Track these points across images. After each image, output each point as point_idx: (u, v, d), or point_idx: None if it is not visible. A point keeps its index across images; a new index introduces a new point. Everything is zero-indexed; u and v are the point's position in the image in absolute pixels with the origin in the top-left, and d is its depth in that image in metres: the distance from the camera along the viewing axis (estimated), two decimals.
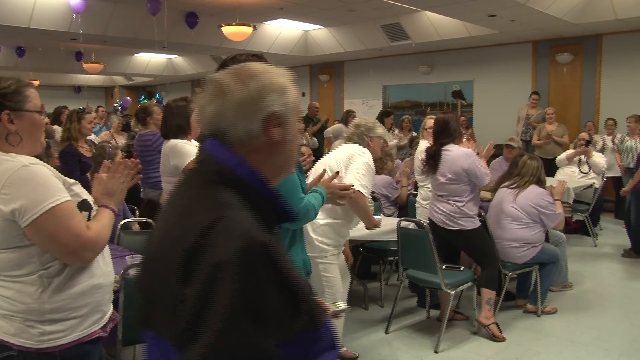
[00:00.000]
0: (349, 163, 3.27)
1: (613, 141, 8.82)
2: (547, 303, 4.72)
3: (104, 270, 1.91)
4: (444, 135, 4.25)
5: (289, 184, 2.00)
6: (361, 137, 3.49)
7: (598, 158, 7.32)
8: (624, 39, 9.62)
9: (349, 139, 3.55)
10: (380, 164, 5.45)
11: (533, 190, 4.55)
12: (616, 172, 8.66)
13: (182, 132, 3.50)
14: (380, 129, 3.54)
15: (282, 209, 1.23)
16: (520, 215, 4.48)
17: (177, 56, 15.31)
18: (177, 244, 1.07)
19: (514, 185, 4.61)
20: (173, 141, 3.48)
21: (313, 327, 1.16)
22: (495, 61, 11.23)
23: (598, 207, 7.61)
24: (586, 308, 4.85)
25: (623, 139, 8.63)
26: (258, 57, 2.13)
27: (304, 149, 5.75)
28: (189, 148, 3.32)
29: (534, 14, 8.17)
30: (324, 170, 2.78)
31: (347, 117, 9.12)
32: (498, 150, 6.58)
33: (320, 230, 3.15)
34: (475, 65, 11.52)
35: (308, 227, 3.11)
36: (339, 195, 2.36)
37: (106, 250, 1.95)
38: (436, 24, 10.15)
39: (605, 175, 8.08)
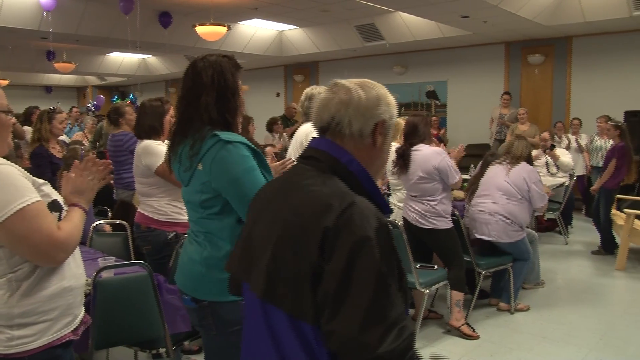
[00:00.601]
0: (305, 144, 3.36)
1: (577, 140, 8.98)
2: (519, 300, 4.79)
3: (74, 272, 1.88)
4: (414, 136, 4.31)
5: (254, 187, 1.97)
6: (305, 110, 3.68)
7: (565, 157, 7.42)
8: (593, 41, 9.82)
9: (306, 114, 3.68)
10: None
11: (525, 166, 4.75)
12: (580, 171, 8.83)
13: (155, 132, 3.46)
14: None
15: (381, 203, 1.37)
16: (512, 191, 4.62)
17: (150, 56, 15.17)
18: (315, 221, 1.21)
19: (506, 162, 4.78)
20: (146, 142, 3.45)
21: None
22: (468, 62, 11.36)
23: (569, 206, 7.75)
24: (557, 305, 4.93)
25: (593, 138, 8.82)
26: (229, 57, 2.13)
27: (268, 149, 5.77)
28: (162, 149, 3.29)
29: (506, 16, 8.28)
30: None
31: None
32: (472, 150, 6.67)
33: None
34: (448, 66, 11.63)
35: None
36: (278, 171, 2.40)
37: (77, 252, 1.92)
38: (410, 25, 10.22)
39: (575, 175, 8.24)
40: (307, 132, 3.52)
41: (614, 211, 6.63)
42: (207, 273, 2.05)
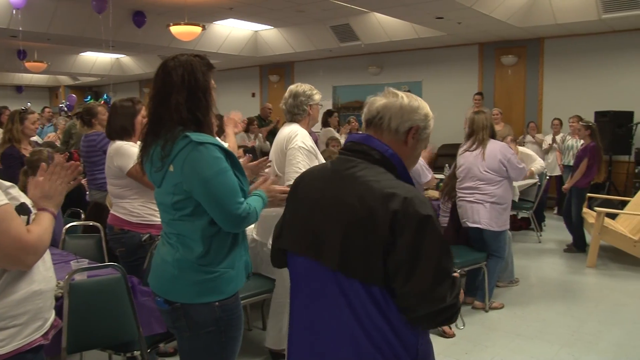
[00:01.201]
0: (286, 150, 3.36)
1: (555, 140, 9.14)
2: (494, 299, 4.85)
3: (44, 276, 1.85)
4: None
5: (226, 189, 1.98)
6: (302, 108, 3.50)
7: (536, 165, 7.52)
8: (564, 42, 9.99)
9: (289, 112, 3.54)
10: None
11: (494, 145, 4.71)
12: (557, 171, 9.02)
13: (126, 133, 3.43)
14: (317, 95, 3.56)
15: None
16: (492, 177, 4.64)
17: (124, 56, 15.00)
18: (382, 205, 1.49)
19: (474, 147, 4.73)
20: (118, 143, 3.41)
21: None
22: (443, 62, 11.46)
23: (542, 205, 7.88)
24: (531, 302, 5.00)
25: (564, 138, 9.00)
26: (200, 57, 2.11)
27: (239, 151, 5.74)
28: (134, 150, 3.25)
29: (479, 17, 8.37)
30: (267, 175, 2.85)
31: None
32: (447, 150, 6.73)
33: None
34: (423, 66, 11.72)
35: None
36: (280, 199, 2.35)
37: (47, 255, 1.89)
38: (385, 26, 10.28)
39: (547, 174, 8.37)
40: (288, 136, 3.41)
41: (585, 210, 6.75)
42: (179, 275, 2.04)
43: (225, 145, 3.72)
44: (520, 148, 7.73)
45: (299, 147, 3.32)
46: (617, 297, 5.18)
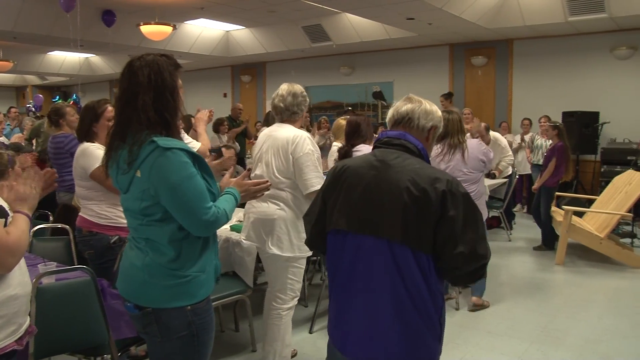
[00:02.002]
0: (292, 157, 3.24)
1: (524, 139, 9.29)
2: (462, 296, 4.88)
3: (20, 280, 1.82)
4: (355, 136, 4.34)
5: (194, 195, 1.95)
6: (300, 107, 3.41)
7: (502, 164, 7.62)
8: (532, 44, 10.16)
9: (288, 110, 3.38)
10: None
11: (474, 147, 4.71)
12: (528, 170, 9.18)
13: (95, 135, 3.38)
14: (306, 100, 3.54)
15: None
16: (474, 176, 4.68)
17: (94, 55, 14.77)
18: (431, 187, 1.84)
19: (453, 151, 4.63)
20: (85, 144, 3.37)
21: None
22: (414, 63, 11.56)
23: (511, 203, 7.99)
24: (501, 299, 5.07)
25: (534, 137, 9.16)
26: (167, 56, 2.08)
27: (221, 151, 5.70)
28: (99, 152, 3.19)
29: (449, 18, 8.47)
30: (248, 170, 2.81)
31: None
32: None
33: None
34: (395, 67, 11.80)
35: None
36: (253, 192, 2.34)
37: (22, 260, 1.87)
38: (356, 26, 10.32)
39: (517, 173, 8.50)
40: (292, 141, 3.26)
41: (553, 208, 6.87)
42: (149, 280, 2.01)
43: (197, 145, 3.70)
44: (495, 134, 7.82)
45: (311, 151, 3.25)
46: (584, 293, 5.29)
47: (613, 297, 5.17)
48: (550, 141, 7.23)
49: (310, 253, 3.39)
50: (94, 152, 3.26)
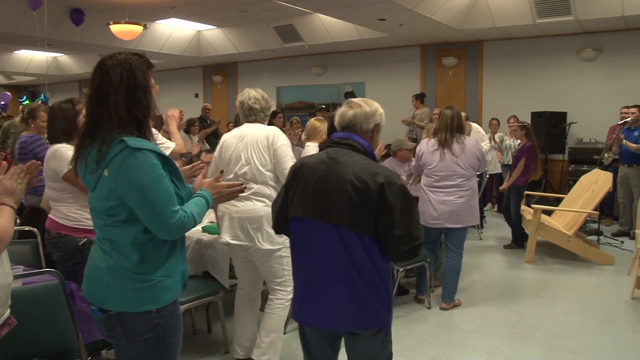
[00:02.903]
0: (272, 149, 3.39)
1: (494, 140, 9.42)
2: (435, 295, 4.92)
3: (1, 271, 1.81)
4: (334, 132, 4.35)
5: (161, 198, 1.93)
6: (268, 111, 3.58)
7: (484, 145, 7.69)
8: (502, 45, 10.32)
9: (262, 112, 3.54)
10: None
11: (471, 145, 4.73)
12: (498, 169, 9.31)
13: (69, 136, 3.33)
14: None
15: None
16: (470, 173, 4.71)
17: (63, 55, 14.51)
18: (371, 180, 2.19)
19: (448, 144, 4.68)
20: (56, 146, 3.32)
21: None
22: (385, 63, 11.63)
23: (482, 203, 8.09)
24: (472, 297, 5.14)
25: (503, 138, 9.30)
26: (139, 55, 2.05)
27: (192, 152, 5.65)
28: (70, 154, 3.15)
29: (421, 19, 8.54)
30: (221, 172, 2.82)
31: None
32: (390, 150, 6.82)
33: None
34: (366, 67, 11.86)
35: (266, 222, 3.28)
36: (227, 194, 2.33)
37: (4, 252, 1.91)
38: (328, 27, 10.34)
39: (487, 173, 8.61)
40: (268, 135, 3.42)
41: (523, 207, 6.99)
42: (113, 282, 1.98)
43: (171, 145, 3.66)
44: (473, 124, 7.90)
45: (287, 143, 3.45)
46: (553, 290, 5.39)
47: (580, 294, 5.28)
48: (519, 141, 7.34)
49: None
50: (65, 153, 3.21)
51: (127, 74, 1.98)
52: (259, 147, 3.39)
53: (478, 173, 4.89)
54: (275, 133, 3.42)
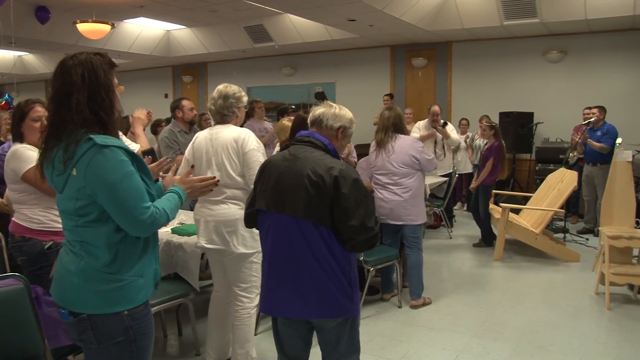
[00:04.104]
0: (241, 153, 3.30)
1: (465, 140, 9.54)
2: (412, 299, 4.94)
3: None
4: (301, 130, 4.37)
5: (132, 194, 1.91)
6: (231, 110, 3.42)
7: (454, 134, 7.73)
8: (470, 46, 10.45)
9: (218, 113, 3.43)
10: None
11: (403, 141, 4.80)
12: (467, 169, 9.43)
13: (19, 136, 3.26)
14: (245, 97, 3.54)
15: None
16: (406, 171, 4.74)
17: (28, 53, 14.21)
18: (326, 173, 2.32)
19: (383, 143, 4.81)
20: (17, 146, 3.24)
21: None
22: (356, 64, 11.68)
23: (452, 202, 8.19)
24: (443, 296, 5.19)
25: (473, 137, 9.42)
26: (101, 55, 2.03)
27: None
28: (31, 154, 3.08)
29: (390, 20, 8.60)
30: (192, 167, 2.81)
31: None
32: (360, 150, 6.86)
33: None
34: (337, 68, 11.90)
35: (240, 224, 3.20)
36: (200, 188, 2.32)
37: None
38: (299, 27, 10.34)
39: (457, 172, 8.72)
40: (238, 138, 3.33)
41: (491, 206, 7.09)
42: (84, 285, 1.95)
43: (136, 147, 3.62)
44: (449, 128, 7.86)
45: (257, 147, 3.33)
46: (521, 287, 5.48)
47: (547, 290, 5.38)
48: (486, 141, 7.44)
49: None
50: (25, 153, 3.14)
51: (89, 74, 1.95)
52: (229, 151, 3.32)
53: (432, 171, 4.92)
54: (244, 136, 3.34)
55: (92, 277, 1.95)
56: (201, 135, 3.50)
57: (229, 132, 3.36)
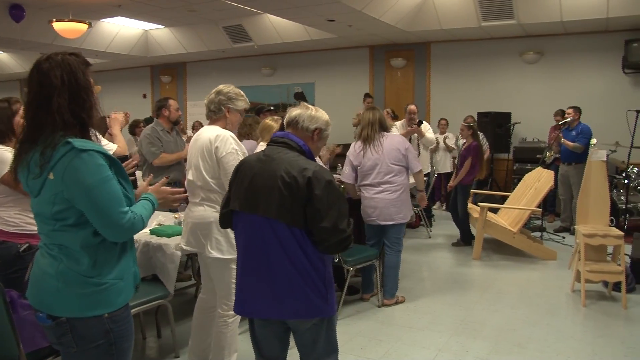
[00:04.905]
0: (215, 156, 3.21)
1: (445, 141, 9.60)
2: (385, 299, 4.96)
3: None
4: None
5: (110, 198, 1.89)
6: (218, 107, 3.33)
7: (429, 134, 7.74)
8: (449, 47, 10.54)
9: (207, 107, 3.37)
10: None
11: (390, 137, 4.85)
12: (447, 169, 9.49)
13: (3, 136, 3.20)
14: (240, 102, 3.40)
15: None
16: (398, 169, 4.76)
17: (2, 52, 13.98)
18: (300, 174, 2.31)
19: (369, 143, 4.82)
20: None
21: None
22: (335, 64, 11.70)
23: (431, 201, 8.24)
24: (422, 295, 5.23)
25: (457, 137, 9.48)
26: (76, 55, 2.00)
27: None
28: (7, 155, 3.03)
29: (369, 21, 8.63)
30: (166, 178, 2.76)
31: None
32: (344, 150, 6.88)
33: None
34: (316, 68, 11.91)
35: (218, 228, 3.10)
36: (171, 200, 2.31)
37: None
38: (278, 27, 10.33)
39: (436, 172, 8.78)
40: (216, 140, 3.23)
41: (470, 205, 7.15)
42: (64, 288, 1.93)
43: (113, 147, 3.58)
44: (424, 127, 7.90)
45: (234, 150, 3.22)
46: (499, 285, 5.54)
47: (525, 288, 5.44)
48: (464, 141, 7.50)
49: None
50: (2, 155, 3.09)
51: (68, 75, 1.92)
52: (205, 152, 3.27)
53: (414, 172, 4.93)
54: (220, 140, 3.23)
55: (73, 281, 1.93)
56: (194, 136, 3.50)
57: (208, 132, 3.31)
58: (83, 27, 8.35)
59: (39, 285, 1.99)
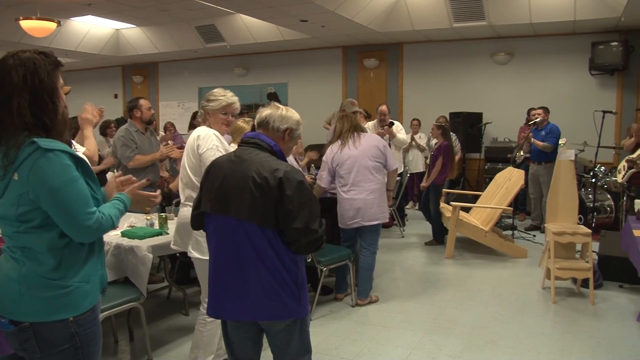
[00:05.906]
0: (199, 152, 3.34)
1: (414, 138, 9.67)
2: (359, 298, 4.98)
3: None
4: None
5: (76, 199, 1.86)
6: (202, 109, 3.52)
7: (401, 134, 7.78)
8: (421, 48, 10.63)
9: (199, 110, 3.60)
10: None
11: (369, 135, 4.92)
12: (420, 168, 9.57)
13: None
14: (215, 103, 3.44)
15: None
16: (377, 165, 4.80)
17: None
18: (271, 175, 2.31)
19: (345, 137, 4.87)
20: None
21: None
22: (308, 64, 11.71)
23: (404, 201, 8.30)
24: (395, 294, 5.26)
25: (429, 137, 9.55)
26: (46, 54, 1.93)
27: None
28: None
29: (342, 21, 8.66)
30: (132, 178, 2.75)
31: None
32: (316, 149, 6.89)
33: None
34: (289, 68, 11.90)
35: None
36: (144, 203, 2.29)
37: None
38: (251, 27, 10.29)
39: (409, 172, 8.84)
40: (197, 138, 3.39)
41: (442, 204, 7.22)
42: (26, 292, 1.88)
43: (82, 149, 3.52)
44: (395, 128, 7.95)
45: (215, 146, 3.32)
46: (472, 284, 5.60)
47: (497, 286, 5.52)
48: (436, 140, 7.56)
49: None
50: None
51: (31, 75, 1.86)
52: (189, 150, 3.42)
53: (390, 170, 4.97)
54: (202, 137, 3.37)
55: (35, 284, 1.89)
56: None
57: (195, 132, 3.47)
58: (52, 25, 8.19)
59: (1, 290, 1.94)
